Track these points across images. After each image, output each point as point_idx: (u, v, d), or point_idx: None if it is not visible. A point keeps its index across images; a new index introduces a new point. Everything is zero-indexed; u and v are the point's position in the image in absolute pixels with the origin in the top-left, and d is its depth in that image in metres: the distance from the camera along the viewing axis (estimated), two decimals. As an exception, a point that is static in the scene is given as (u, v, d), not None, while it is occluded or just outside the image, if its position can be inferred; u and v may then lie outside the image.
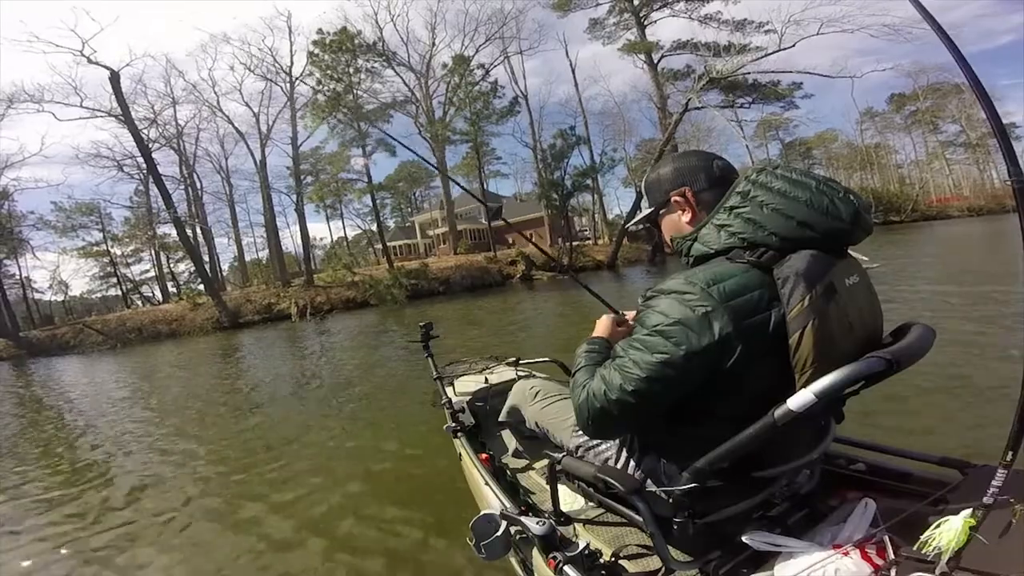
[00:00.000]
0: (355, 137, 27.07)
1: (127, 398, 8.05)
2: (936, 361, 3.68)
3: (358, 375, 7.17)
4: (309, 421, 4.91)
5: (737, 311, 0.91)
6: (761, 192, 0.99)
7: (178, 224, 25.80)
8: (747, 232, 0.99)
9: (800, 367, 0.90)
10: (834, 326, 0.90)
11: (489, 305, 16.06)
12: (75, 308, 38.70)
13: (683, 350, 0.92)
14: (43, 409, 8.31)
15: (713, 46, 28.07)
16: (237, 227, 38.96)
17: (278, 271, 30.12)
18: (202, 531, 2.87)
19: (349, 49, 25.68)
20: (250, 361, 11.15)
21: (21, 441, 5.92)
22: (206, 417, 5.74)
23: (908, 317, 1.16)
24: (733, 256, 1.00)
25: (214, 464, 3.99)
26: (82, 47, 22.92)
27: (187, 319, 23.67)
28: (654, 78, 30.93)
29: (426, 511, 2.68)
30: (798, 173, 1.01)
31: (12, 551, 2.91)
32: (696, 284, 0.94)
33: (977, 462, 1.17)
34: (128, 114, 23.78)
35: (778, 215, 0.96)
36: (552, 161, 26.64)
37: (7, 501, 3.77)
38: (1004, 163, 0.74)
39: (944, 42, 0.80)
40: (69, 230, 36.20)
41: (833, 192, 0.97)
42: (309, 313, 22.09)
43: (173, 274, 39.31)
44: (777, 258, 0.95)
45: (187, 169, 34.06)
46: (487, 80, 29.99)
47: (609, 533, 1.38)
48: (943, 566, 0.78)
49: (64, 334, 23.97)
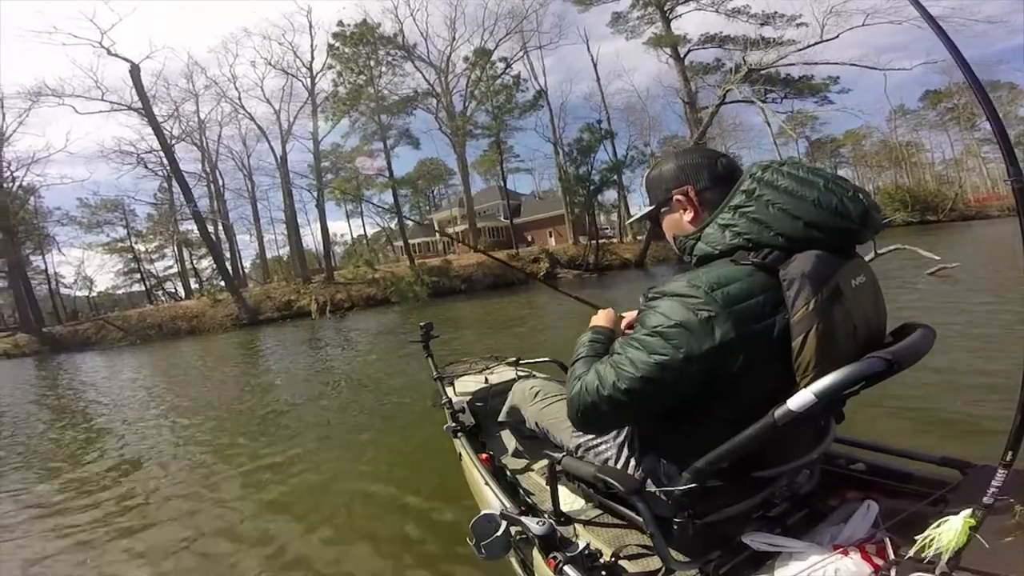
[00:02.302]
0: (376, 131, 26.65)
1: (144, 399, 7.64)
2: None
3: (381, 378, 6.52)
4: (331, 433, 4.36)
5: (740, 317, 0.90)
6: (767, 191, 0.97)
7: (198, 218, 25.72)
8: (752, 232, 0.97)
9: (802, 370, 0.89)
10: (838, 329, 0.89)
11: (512, 304, 15.39)
12: (102, 304, 39.10)
13: (682, 353, 0.91)
14: (60, 410, 7.97)
15: (743, 40, 27.18)
16: (259, 224, 39.03)
17: (298, 268, 29.83)
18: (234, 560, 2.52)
19: (370, 42, 25.32)
20: (269, 363, 10.60)
21: (42, 442, 5.64)
22: (224, 423, 5.23)
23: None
24: (737, 258, 0.98)
25: (234, 483, 3.45)
26: (101, 38, 22.93)
27: (207, 315, 23.52)
28: (681, 72, 30.08)
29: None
30: (806, 171, 0.98)
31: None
32: (700, 287, 0.92)
33: (977, 462, 1.15)
34: (148, 107, 23.73)
35: (785, 215, 0.95)
36: (579, 156, 25.88)
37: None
38: (1004, 163, 0.74)
39: (943, 41, 0.81)
40: (94, 226, 36.65)
41: (842, 191, 0.94)
42: (329, 310, 21.67)
43: (196, 270, 39.56)
44: (782, 259, 0.93)
45: (209, 165, 34.13)
46: (509, 73, 29.42)
47: (609, 533, 1.37)
48: (943, 566, 0.77)
49: (86, 330, 24.02)
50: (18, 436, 6.08)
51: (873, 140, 51.15)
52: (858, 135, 50.58)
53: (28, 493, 3.86)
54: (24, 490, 3.94)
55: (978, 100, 0.77)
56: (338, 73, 25.67)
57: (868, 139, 51.24)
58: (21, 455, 5.13)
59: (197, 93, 30.41)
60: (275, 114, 30.24)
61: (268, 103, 30.47)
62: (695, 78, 30.50)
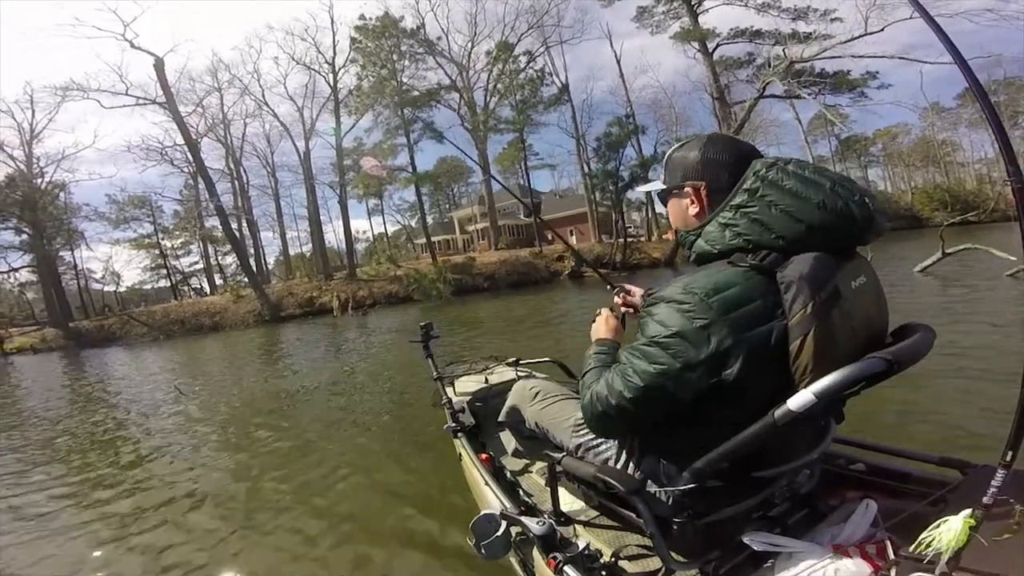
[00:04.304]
0: (399, 125, 26.34)
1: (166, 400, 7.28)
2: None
3: (406, 380, 6.02)
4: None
5: (737, 323, 0.90)
6: (771, 191, 0.96)
7: (221, 212, 25.75)
8: (753, 234, 0.96)
9: (800, 373, 0.89)
10: (837, 331, 0.88)
11: (537, 303, 14.77)
12: (131, 299, 39.68)
13: (680, 362, 0.92)
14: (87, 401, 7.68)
15: (775, 34, 26.21)
16: (282, 221, 39.22)
17: (320, 264, 29.73)
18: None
19: (392, 35, 25.03)
20: (289, 363, 10.16)
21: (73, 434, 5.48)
22: (245, 430, 4.78)
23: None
24: (735, 259, 0.97)
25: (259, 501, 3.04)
26: (123, 30, 22.98)
27: (229, 312, 23.49)
28: (710, 67, 29.12)
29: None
30: (812, 171, 0.97)
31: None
32: (695, 294, 0.92)
33: (977, 462, 1.15)
34: (172, 101, 23.83)
35: (788, 217, 0.93)
36: (607, 151, 25.15)
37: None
38: (1004, 163, 0.75)
39: (942, 40, 0.81)
40: (122, 222, 37.12)
41: (849, 194, 0.93)
42: (351, 307, 21.38)
43: (220, 267, 39.90)
44: (780, 261, 0.92)
45: (233, 162, 34.29)
46: (532, 67, 28.85)
47: (609, 533, 1.37)
48: (943, 566, 0.77)
49: (111, 325, 24.20)
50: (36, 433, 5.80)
51: (911, 137, 49.07)
52: (891, 133, 48.67)
53: (64, 485, 3.81)
54: (60, 482, 3.91)
55: (977, 99, 0.77)
56: (361, 66, 25.45)
57: (904, 136, 49.18)
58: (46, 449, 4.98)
59: (221, 88, 30.50)
60: (298, 111, 30.31)
61: (291, 100, 30.56)
62: (725, 73, 29.49)
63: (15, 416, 7.26)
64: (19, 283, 32.54)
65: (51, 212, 28.87)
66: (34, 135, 28.28)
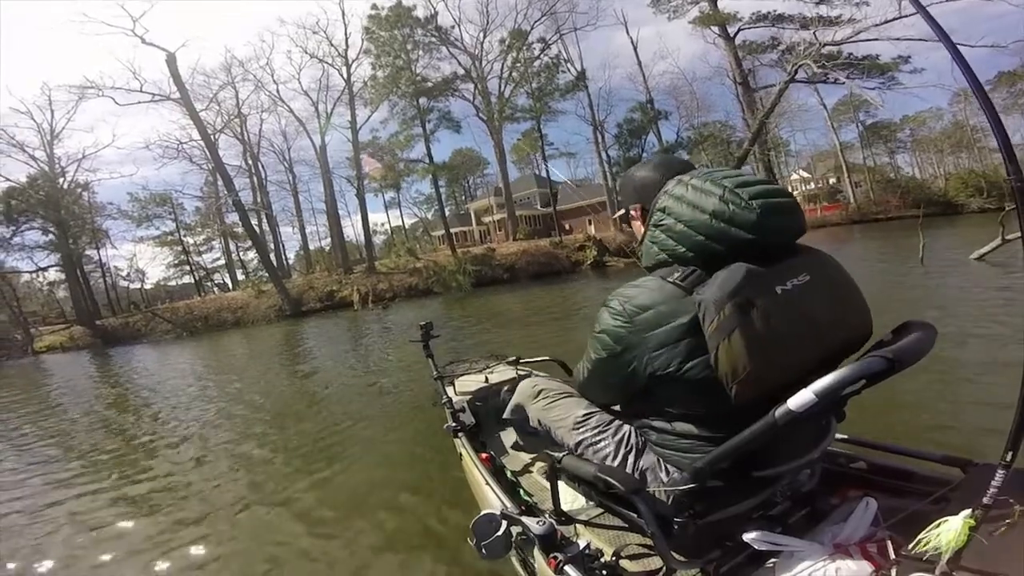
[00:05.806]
0: (415, 115, 26.06)
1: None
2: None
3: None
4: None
5: (651, 341, 0.99)
6: (676, 205, 1.01)
7: (239, 207, 25.73)
8: (668, 248, 1.03)
9: (727, 381, 0.91)
10: (764, 336, 0.89)
11: (560, 294, 14.37)
12: (156, 295, 40.25)
13: (606, 354, 1.08)
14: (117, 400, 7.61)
15: (799, 18, 25.33)
16: (300, 215, 39.28)
17: (339, 258, 29.73)
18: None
19: (405, 23, 24.72)
20: (311, 361, 10.03)
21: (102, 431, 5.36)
22: (270, 427, 4.61)
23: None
24: (665, 274, 1.03)
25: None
26: (133, 26, 22.80)
27: (251, 307, 23.57)
28: (732, 52, 28.23)
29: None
30: (709, 181, 0.99)
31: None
32: (618, 299, 1.05)
33: (979, 460, 1.14)
34: (186, 96, 23.73)
35: (688, 230, 0.98)
36: (629, 137, 24.61)
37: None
38: (1004, 163, 0.75)
39: (941, 40, 0.81)
40: (144, 220, 37.57)
41: (737, 201, 0.94)
42: (371, 301, 21.28)
43: (243, 262, 40.23)
44: (704, 278, 0.95)
45: (251, 157, 34.38)
46: (547, 54, 28.27)
47: (610, 533, 1.38)
48: (943, 566, 0.78)
49: (136, 322, 24.48)
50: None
51: (944, 122, 47.12)
52: (920, 119, 46.85)
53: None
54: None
55: (976, 98, 0.77)
56: (376, 56, 25.19)
57: (937, 121, 47.25)
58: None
59: (234, 82, 30.40)
60: (313, 105, 30.15)
61: (305, 95, 30.38)
62: (748, 58, 28.61)
63: (63, 419, 6.96)
64: (48, 282, 33.24)
65: (75, 211, 29.23)
66: (54, 135, 28.60)
